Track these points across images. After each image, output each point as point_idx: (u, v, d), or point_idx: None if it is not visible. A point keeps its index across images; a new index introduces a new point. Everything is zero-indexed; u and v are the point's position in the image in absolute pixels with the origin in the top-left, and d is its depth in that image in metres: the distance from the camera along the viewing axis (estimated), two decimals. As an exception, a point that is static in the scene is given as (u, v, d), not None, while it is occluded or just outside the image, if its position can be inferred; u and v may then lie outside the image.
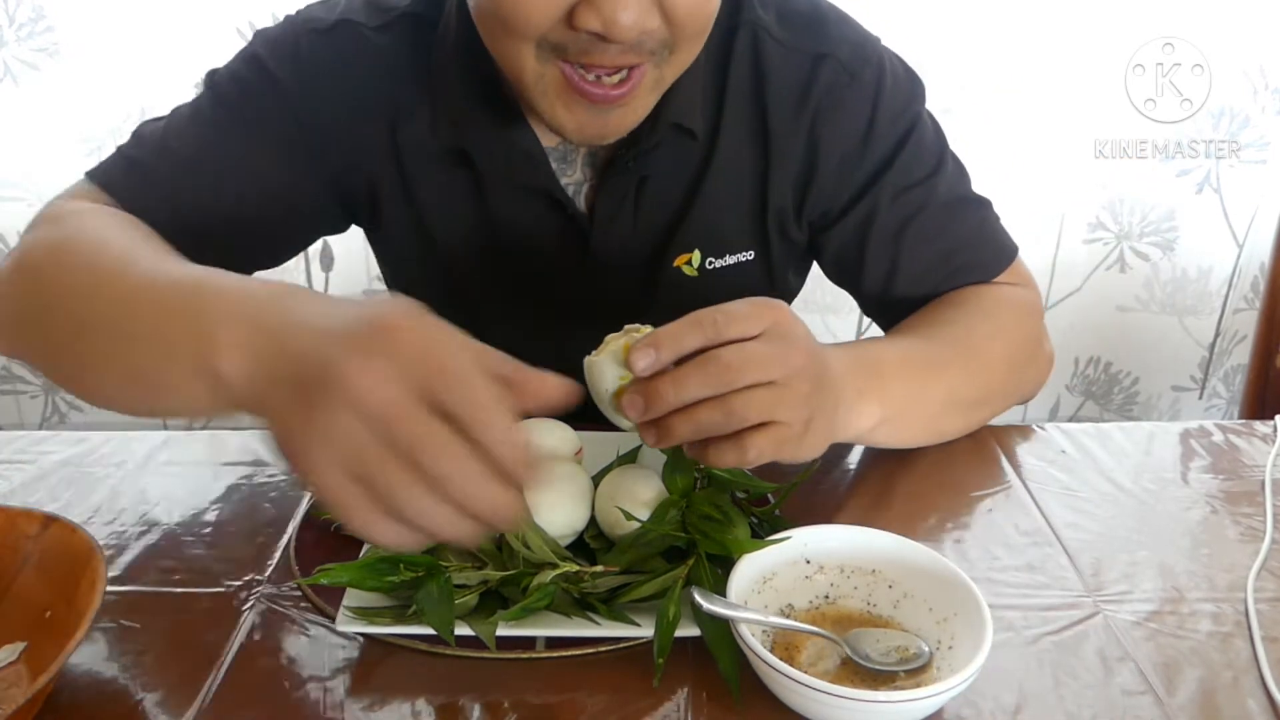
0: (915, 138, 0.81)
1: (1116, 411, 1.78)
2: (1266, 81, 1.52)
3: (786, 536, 0.57)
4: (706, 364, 0.53)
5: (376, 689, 0.53)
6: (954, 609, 0.53)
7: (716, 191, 0.80)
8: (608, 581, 0.57)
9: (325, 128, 0.77)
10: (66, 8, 1.46)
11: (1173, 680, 0.54)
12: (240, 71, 0.77)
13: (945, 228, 0.81)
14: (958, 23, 1.48)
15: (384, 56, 0.77)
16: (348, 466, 0.43)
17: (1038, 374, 0.84)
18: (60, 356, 0.62)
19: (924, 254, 0.81)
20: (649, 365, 0.53)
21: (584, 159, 0.79)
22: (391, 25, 0.78)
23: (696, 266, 0.82)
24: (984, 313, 0.80)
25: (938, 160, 0.82)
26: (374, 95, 0.77)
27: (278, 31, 0.78)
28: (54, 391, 1.71)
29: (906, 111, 0.81)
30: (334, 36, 0.77)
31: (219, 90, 0.77)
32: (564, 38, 0.62)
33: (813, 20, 0.80)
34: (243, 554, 0.64)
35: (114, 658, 0.55)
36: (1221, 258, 1.64)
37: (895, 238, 0.81)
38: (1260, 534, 0.67)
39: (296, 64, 0.76)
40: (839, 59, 0.78)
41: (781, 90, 0.79)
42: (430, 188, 0.80)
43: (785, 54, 0.79)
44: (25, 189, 1.57)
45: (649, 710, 0.51)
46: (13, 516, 0.58)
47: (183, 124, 0.77)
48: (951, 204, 0.82)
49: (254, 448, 0.78)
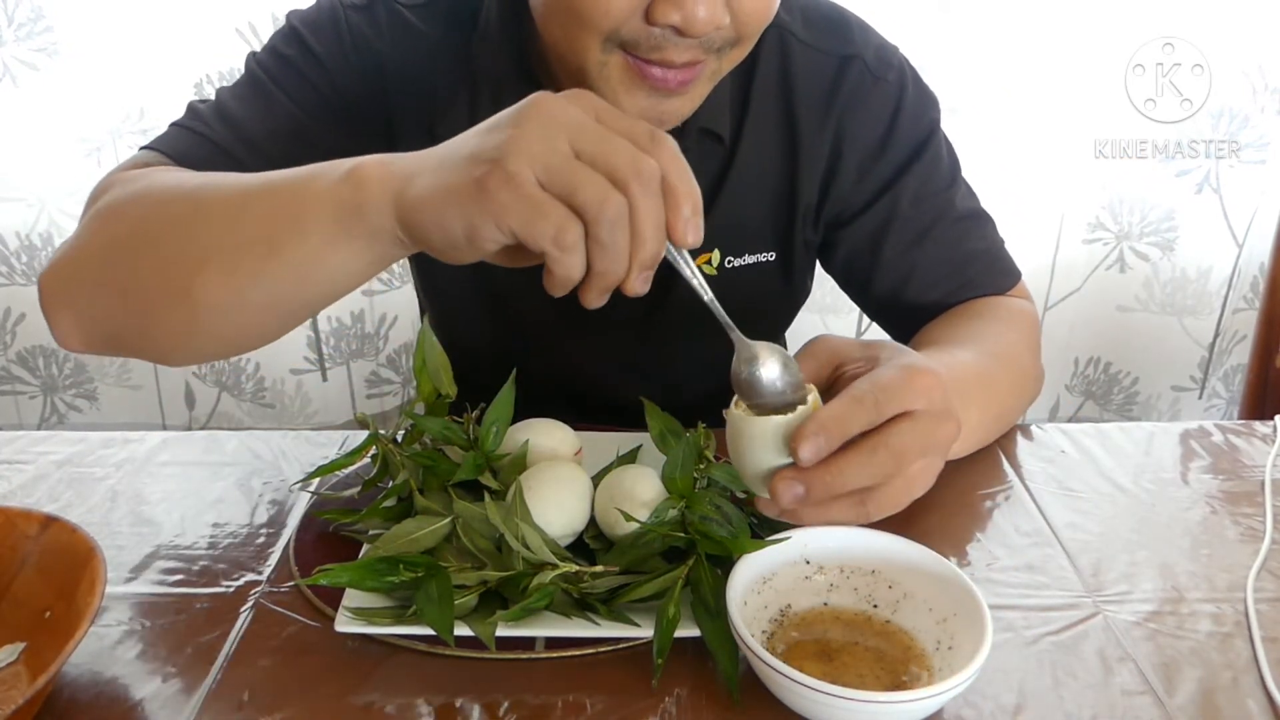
0: (934, 147, 0.83)
1: (1116, 411, 1.78)
2: (1266, 81, 1.52)
3: (786, 536, 0.57)
4: (875, 453, 0.52)
5: (376, 689, 0.53)
6: (954, 609, 0.53)
7: (739, 192, 0.81)
8: (607, 581, 0.57)
9: (366, 100, 0.77)
10: (66, 8, 1.46)
11: (1173, 680, 0.54)
12: (280, 48, 0.78)
13: (960, 240, 0.83)
14: (958, 23, 1.48)
15: (423, 39, 0.77)
16: (548, 175, 0.47)
17: (1039, 387, 0.85)
18: (185, 280, 0.58)
19: (939, 263, 0.82)
20: (815, 457, 0.52)
21: None
22: (430, 6, 0.78)
23: (716, 266, 0.83)
24: (1009, 322, 0.81)
25: (953, 175, 0.84)
26: (414, 77, 0.77)
27: (313, 10, 0.79)
28: (53, 392, 1.71)
29: (925, 118, 0.82)
30: (372, 13, 0.77)
31: (264, 65, 0.77)
32: (637, 32, 0.62)
33: (838, 24, 0.82)
34: (243, 554, 0.64)
35: (114, 658, 0.55)
36: (1221, 258, 1.64)
37: (913, 243, 0.82)
38: (1260, 534, 0.67)
39: (338, 38, 0.77)
40: (865, 61, 0.80)
41: (809, 90, 0.80)
42: None
43: (812, 55, 0.80)
44: (25, 189, 1.57)
45: (649, 710, 0.51)
46: (12, 517, 0.58)
47: (232, 98, 0.77)
48: (967, 217, 0.84)
49: (254, 447, 0.78)
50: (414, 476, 0.65)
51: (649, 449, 0.69)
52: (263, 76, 0.77)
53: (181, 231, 0.59)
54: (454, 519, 0.60)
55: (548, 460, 0.64)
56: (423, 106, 0.78)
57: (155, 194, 0.62)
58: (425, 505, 0.62)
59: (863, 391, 0.53)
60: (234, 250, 0.57)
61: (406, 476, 0.65)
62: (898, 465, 0.53)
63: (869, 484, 0.53)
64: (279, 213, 0.56)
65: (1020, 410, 0.81)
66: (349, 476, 0.72)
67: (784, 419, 0.53)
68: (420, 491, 0.64)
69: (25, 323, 1.67)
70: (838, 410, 0.53)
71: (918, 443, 0.53)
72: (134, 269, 0.61)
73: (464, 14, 0.77)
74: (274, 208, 0.56)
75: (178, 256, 0.59)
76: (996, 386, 0.74)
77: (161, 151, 0.73)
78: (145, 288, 0.60)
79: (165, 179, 0.64)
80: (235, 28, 1.48)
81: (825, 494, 0.53)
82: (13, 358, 1.69)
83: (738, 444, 0.55)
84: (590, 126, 0.48)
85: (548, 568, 0.56)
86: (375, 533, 0.63)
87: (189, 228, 0.59)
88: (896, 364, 0.55)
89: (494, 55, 0.75)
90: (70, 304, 0.64)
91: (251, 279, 0.57)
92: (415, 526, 0.59)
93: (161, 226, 0.60)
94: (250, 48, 1.47)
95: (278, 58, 0.77)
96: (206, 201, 0.59)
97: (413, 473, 0.65)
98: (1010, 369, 0.77)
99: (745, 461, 0.55)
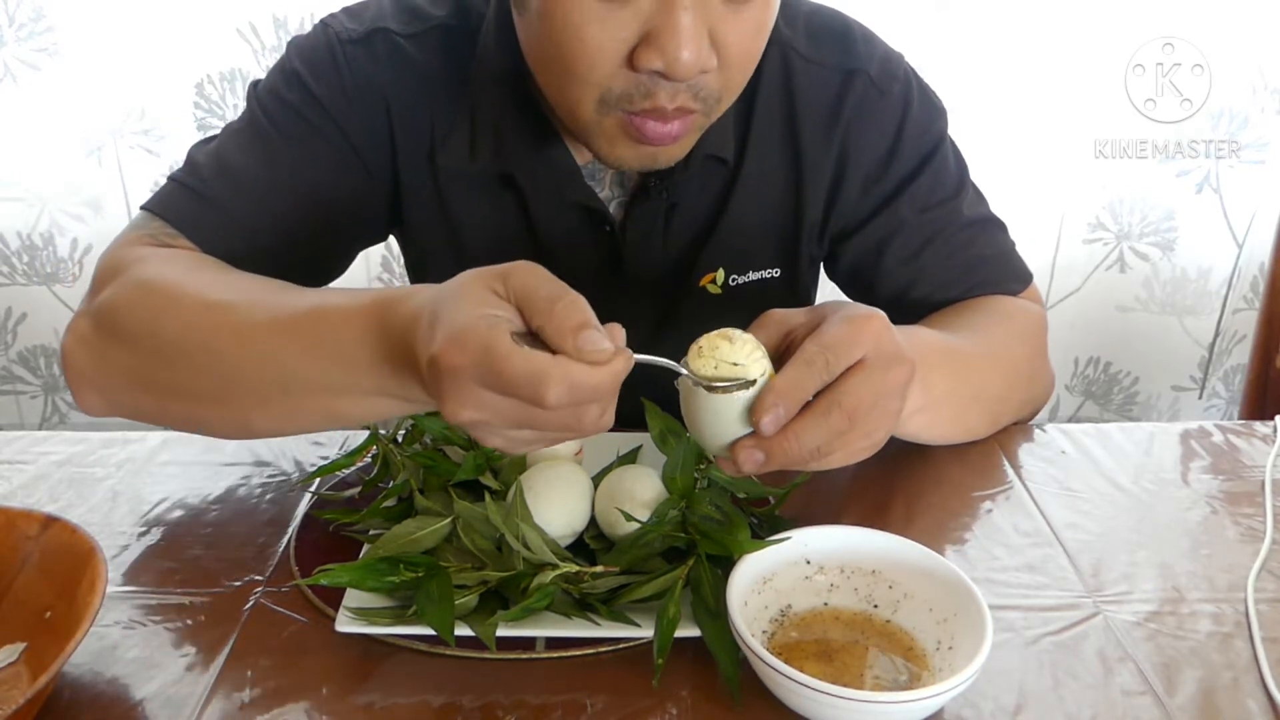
0: (940, 157, 0.82)
1: (1116, 411, 1.78)
2: (1266, 81, 1.52)
3: (786, 537, 0.57)
4: (829, 414, 0.53)
5: (376, 689, 0.53)
6: (954, 609, 0.53)
7: (743, 212, 0.81)
8: (608, 582, 0.57)
9: (370, 138, 0.77)
10: (66, 8, 1.46)
11: (1173, 680, 0.54)
12: (281, 90, 0.77)
13: (966, 247, 0.83)
14: (957, 23, 1.48)
15: (420, 68, 0.77)
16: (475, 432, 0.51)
17: (1044, 390, 0.84)
18: (241, 415, 0.63)
19: (943, 269, 0.82)
20: (776, 428, 0.53)
21: (612, 178, 0.79)
22: (427, 35, 0.77)
23: (720, 284, 0.83)
24: (1004, 316, 0.81)
25: (959, 183, 0.83)
26: (413, 109, 0.77)
27: (311, 44, 0.77)
28: (54, 391, 1.72)
29: (931, 129, 0.82)
30: (370, 46, 0.76)
31: (265, 108, 0.77)
32: (627, 84, 0.62)
33: (842, 37, 0.81)
34: (243, 554, 0.64)
35: (114, 658, 0.55)
36: (1221, 258, 1.64)
37: (915, 256, 0.82)
38: (1260, 534, 0.67)
39: (338, 78, 0.76)
40: (869, 75, 0.79)
41: (812, 107, 0.80)
42: (468, 209, 0.80)
43: (815, 71, 0.79)
44: (25, 189, 1.57)
45: (649, 710, 0.51)
46: (13, 517, 0.58)
47: (234, 146, 0.77)
48: (974, 223, 0.83)
49: (254, 448, 0.78)
50: (414, 476, 0.65)
51: (649, 449, 0.69)
52: (264, 122, 0.76)
53: (228, 368, 0.61)
54: (454, 519, 0.60)
55: (548, 460, 0.64)
56: (422, 137, 0.78)
57: (186, 311, 0.63)
58: (425, 505, 0.62)
59: (812, 354, 0.54)
60: (284, 399, 0.60)
61: (407, 476, 0.65)
62: (852, 421, 0.54)
63: (827, 441, 0.54)
64: (330, 371, 0.58)
65: (1013, 402, 0.80)
66: (349, 476, 0.72)
67: (744, 395, 0.53)
68: (420, 491, 0.64)
69: (26, 323, 1.67)
70: (791, 377, 0.53)
71: (870, 392, 0.54)
72: (177, 388, 0.64)
73: (461, 43, 0.77)
74: (322, 364, 0.58)
75: (229, 393, 0.62)
76: (973, 364, 0.73)
77: (164, 218, 0.74)
78: (194, 404, 0.64)
79: (190, 286, 0.65)
80: (236, 28, 1.47)
81: (785, 459, 0.54)
82: (14, 357, 1.69)
83: (697, 416, 0.55)
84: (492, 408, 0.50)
85: (548, 568, 0.56)
86: (376, 533, 0.63)
87: (235, 367, 0.61)
88: (839, 318, 0.56)
89: (494, 84, 0.75)
90: (100, 390, 0.67)
91: (306, 420, 0.63)
92: (416, 526, 0.59)
93: (206, 359, 0.62)
94: (250, 48, 1.49)
95: (280, 102, 0.76)
96: (247, 336, 0.60)
97: (413, 473, 0.65)
98: (994, 352, 0.76)
99: (705, 433, 0.56)
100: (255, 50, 1.49)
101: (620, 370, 0.49)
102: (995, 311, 0.81)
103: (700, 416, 0.55)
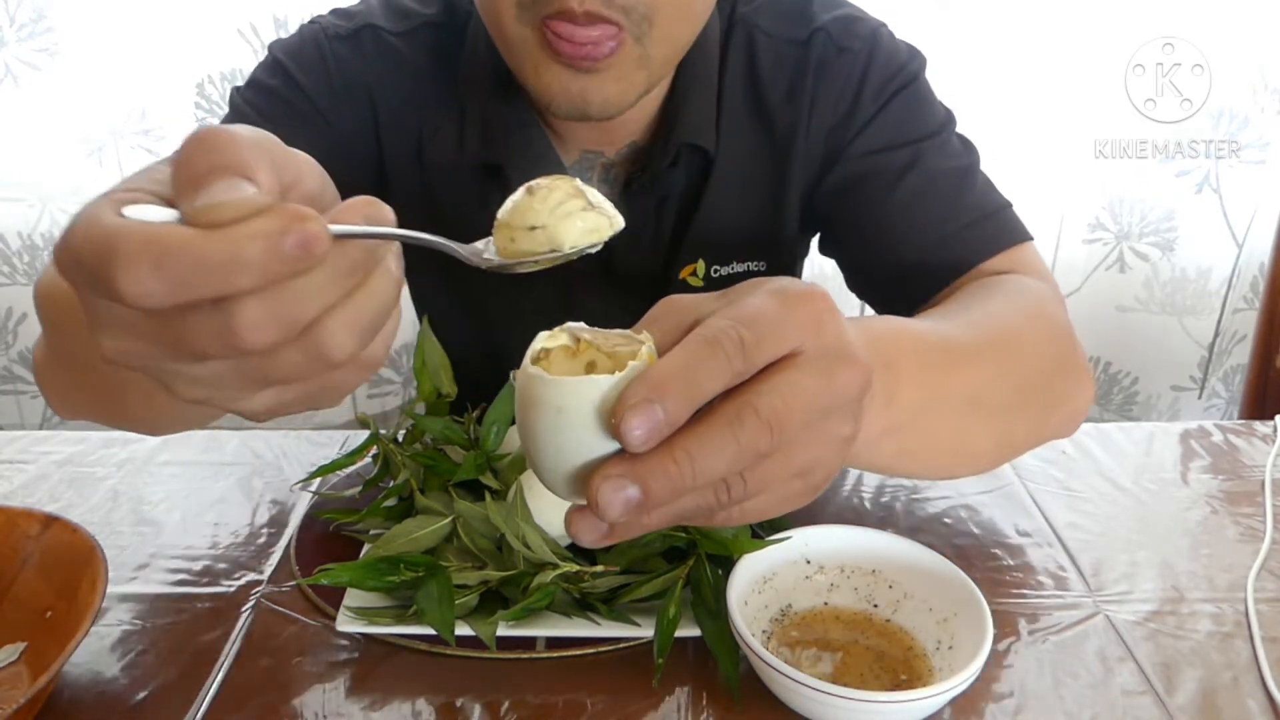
0: (911, 93, 0.77)
1: (1116, 411, 1.78)
2: (1266, 81, 1.52)
3: (786, 536, 0.57)
4: (739, 422, 0.34)
5: (376, 689, 0.53)
6: (954, 609, 0.53)
7: (719, 199, 0.79)
8: (608, 581, 0.57)
9: (356, 133, 0.77)
10: (66, 8, 1.46)
11: (1173, 680, 0.54)
12: (265, 81, 0.76)
13: (940, 194, 0.74)
14: (957, 23, 1.48)
15: (409, 64, 0.76)
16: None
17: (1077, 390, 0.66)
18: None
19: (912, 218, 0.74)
20: (652, 437, 0.33)
21: (599, 175, 0.79)
22: (415, 32, 0.77)
23: (701, 276, 0.82)
24: (1007, 295, 0.65)
25: (941, 123, 0.77)
26: (399, 105, 0.77)
27: (296, 41, 0.77)
28: (54, 392, 1.72)
29: (900, 72, 0.77)
30: (358, 41, 0.76)
31: (246, 98, 0.76)
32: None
33: (804, 6, 0.78)
34: (243, 554, 0.64)
35: (114, 658, 0.55)
36: (1221, 258, 1.64)
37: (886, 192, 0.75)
38: (1260, 534, 0.67)
39: (324, 72, 0.75)
40: (828, 32, 0.76)
41: (778, 84, 0.77)
42: (457, 204, 0.79)
43: (778, 46, 0.77)
44: (25, 189, 1.57)
45: (649, 710, 0.51)
46: (13, 517, 0.58)
47: None
48: (948, 172, 0.75)
49: (254, 448, 0.78)
50: (415, 476, 0.65)
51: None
52: (247, 110, 0.75)
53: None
54: (455, 519, 0.60)
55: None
56: (410, 135, 0.77)
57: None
58: (426, 505, 0.62)
59: (718, 330, 0.35)
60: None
61: (407, 476, 0.65)
62: (775, 438, 0.35)
63: (737, 469, 0.35)
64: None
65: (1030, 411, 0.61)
66: (350, 476, 0.72)
67: (605, 379, 0.34)
68: (421, 491, 0.64)
69: (27, 323, 1.67)
70: (681, 359, 0.34)
71: (803, 402, 0.35)
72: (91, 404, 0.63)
73: (450, 40, 0.77)
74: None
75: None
76: (966, 357, 0.55)
77: None
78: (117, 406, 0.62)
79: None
80: (236, 28, 1.48)
81: (670, 494, 0.34)
82: (14, 357, 1.69)
83: (534, 423, 0.35)
84: None
85: (548, 567, 0.56)
86: (376, 532, 0.63)
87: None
88: (765, 289, 0.38)
89: (482, 80, 0.75)
90: (54, 392, 0.66)
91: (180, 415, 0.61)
92: (416, 526, 0.59)
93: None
94: (251, 48, 1.49)
95: (262, 90, 0.75)
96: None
97: (413, 472, 0.65)
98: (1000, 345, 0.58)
99: (544, 449, 0.35)
100: (255, 50, 1.49)
101: (265, 233, 0.28)
102: (994, 292, 0.65)
103: (537, 422, 0.35)
